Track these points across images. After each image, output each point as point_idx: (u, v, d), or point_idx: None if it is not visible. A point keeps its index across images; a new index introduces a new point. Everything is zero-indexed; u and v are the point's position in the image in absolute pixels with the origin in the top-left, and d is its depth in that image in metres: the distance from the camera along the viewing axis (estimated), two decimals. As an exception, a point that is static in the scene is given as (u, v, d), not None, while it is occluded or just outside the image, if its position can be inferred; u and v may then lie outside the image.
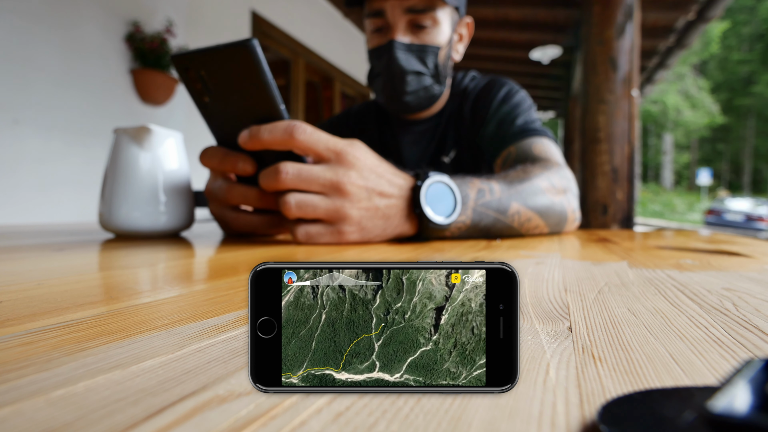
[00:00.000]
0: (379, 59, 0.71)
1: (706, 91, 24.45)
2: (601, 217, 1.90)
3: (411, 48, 0.69)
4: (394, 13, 0.68)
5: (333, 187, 0.43)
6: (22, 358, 0.12)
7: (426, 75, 0.72)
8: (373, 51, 0.72)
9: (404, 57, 0.69)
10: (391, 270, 0.11)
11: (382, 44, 0.70)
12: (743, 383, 0.07)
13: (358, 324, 0.11)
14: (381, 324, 0.11)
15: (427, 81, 0.73)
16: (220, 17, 2.44)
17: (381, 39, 0.71)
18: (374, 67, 0.74)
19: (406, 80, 0.71)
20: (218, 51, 0.40)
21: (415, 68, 0.70)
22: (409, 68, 0.70)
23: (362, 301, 0.11)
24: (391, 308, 0.11)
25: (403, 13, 0.68)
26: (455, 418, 0.09)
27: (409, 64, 0.70)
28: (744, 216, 10.67)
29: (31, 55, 1.60)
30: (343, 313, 0.11)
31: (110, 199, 0.49)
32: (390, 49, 0.69)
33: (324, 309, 0.11)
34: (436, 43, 0.70)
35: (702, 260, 0.35)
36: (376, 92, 0.76)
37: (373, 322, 0.11)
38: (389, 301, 0.11)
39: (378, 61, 0.72)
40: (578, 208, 0.64)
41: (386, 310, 0.11)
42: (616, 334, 0.15)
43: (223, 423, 0.08)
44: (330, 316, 0.11)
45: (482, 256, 0.36)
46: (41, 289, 0.21)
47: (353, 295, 0.11)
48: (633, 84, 1.88)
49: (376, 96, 0.77)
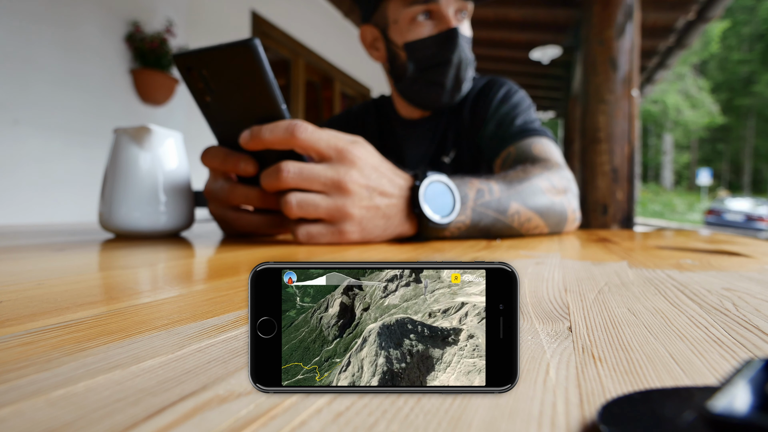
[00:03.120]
0: (440, 47, 0.70)
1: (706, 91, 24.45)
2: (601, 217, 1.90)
3: (464, 38, 0.71)
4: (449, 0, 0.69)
5: (334, 185, 0.43)
6: (22, 358, 0.12)
7: (472, 66, 0.74)
8: (427, 40, 0.70)
9: (464, 46, 0.71)
10: (392, 270, 0.11)
11: (441, 32, 0.69)
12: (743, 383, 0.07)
13: (358, 324, 0.11)
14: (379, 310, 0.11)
15: (471, 72, 0.75)
16: (220, 17, 2.44)
17: (433, 28, 0.70)
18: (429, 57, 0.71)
19: (467, 69, 0.73)
20: (220, 50, 0.40)
21: (470, 57, 0.73)
22: (469, 57, 0.72)
23: (362, 302, 0.11)
24: (391, 308, 0.11)
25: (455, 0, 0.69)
26: (455, 418, 0.09)
27: (467, 53, 0.72)
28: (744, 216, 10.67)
29: (31, 55, 1.60)
30: (343, 314, 0.11)
31: (110, 199, 0.49)
32: (455, 36, 0.69)
33: (324, 309, 0.11)
34: (469, 35, 0.73)
35: (702, 260, 0.35)
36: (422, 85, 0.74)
37: (373, 321, 0.11)
38: (389, 301, 0.11)
39: (437, 49, 0.70)
40: (578, 208, 0.64)
41: (386, 310, 0.11)
42: (616, 334, 0.15)
43: (223, 423, 0.08)
44: (330, 316, 0.11)
45: (482, 256, 0.36)
46: (41, 289, 0.21)
47: (353, 295, 0.11)
48: (633, 84, 1.88)
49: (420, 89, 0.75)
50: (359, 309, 0.11)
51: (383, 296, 0.11)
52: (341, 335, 0.11)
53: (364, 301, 0.11)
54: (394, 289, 0.11)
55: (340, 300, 0.11)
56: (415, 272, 0.11)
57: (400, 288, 0.11)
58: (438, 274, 0.11)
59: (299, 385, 0.11)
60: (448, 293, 0.11)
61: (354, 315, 0.11)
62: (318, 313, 0.11)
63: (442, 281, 0.11)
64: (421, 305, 0.11)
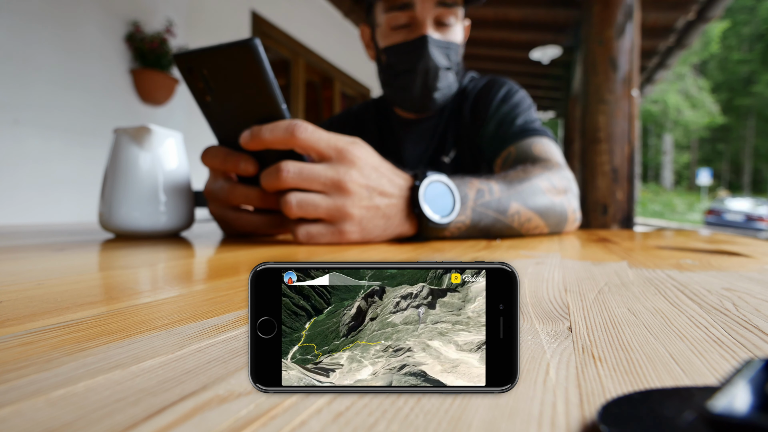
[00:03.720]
0: (408, 55, 0.70)
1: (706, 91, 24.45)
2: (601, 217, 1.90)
3: (440, 44, 0.70)
4: (424, 6, 0.68)
5: (334, 185, 0.43)
6: (22, 358, 0.12)
7: (451, 71, 0.73)
8: (399, 47, 0.71)
9: (436, 53, 0.69)
10: (392, 270, 0.11)
11: (411, 39, 0.69)
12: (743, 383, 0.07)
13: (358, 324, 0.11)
14: (380, 324, 0.11)
15: (451, 78, 0.74)
16: (220, 17, 2.44)
17: (408, 34, 0.70)
18: (398, 63, 0.72)
19: (439, 76, 0.71)
20: (221, 50, 0.40)
21: (444, 64, 0.71)
22: (441, 64, 0.71)
23: (362, 302, 0.11)
24: (390, 308, 0.11)
25: (433, 7, 0.68)
26: (455, 418, 0.09)
27: (440, 60, 0.70)
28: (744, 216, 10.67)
29: (31, 55, 1.60)
30: (342, 314, 0.11)
31: (110, 199, 0.49)
32: (424, 45, 0.68)
33: (323, 309, 0.11)
34: (456, 40, 0.72)
35: (702, 260, 0.35)
36: (394, 89, 0.75)
37: (373, 321, 0.11)
38: (389, 301, 0.11)
39: (406, 56, 0.70)
40: (578, 209, 0.64)
41: (386, 310, 0.11)
42: (616, 334, 0.15)
43: (223, 423, 0.08)
44: (329, 316, 0.11)
45: (482, 256, 0.36)
46: (41, 289, 0.21)
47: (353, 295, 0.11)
48: (633, 84, 1.88)
49: (394, 93, 0.76)
50: (368, 317, 0.11)
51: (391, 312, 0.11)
52: (347, 335, 0.11)
53: (375, 312, 0.11)
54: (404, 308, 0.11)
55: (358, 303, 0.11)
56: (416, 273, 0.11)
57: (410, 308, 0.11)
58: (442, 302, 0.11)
59: (299, 385, 0.11)
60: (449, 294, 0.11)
61: (363, 321, 0.11)
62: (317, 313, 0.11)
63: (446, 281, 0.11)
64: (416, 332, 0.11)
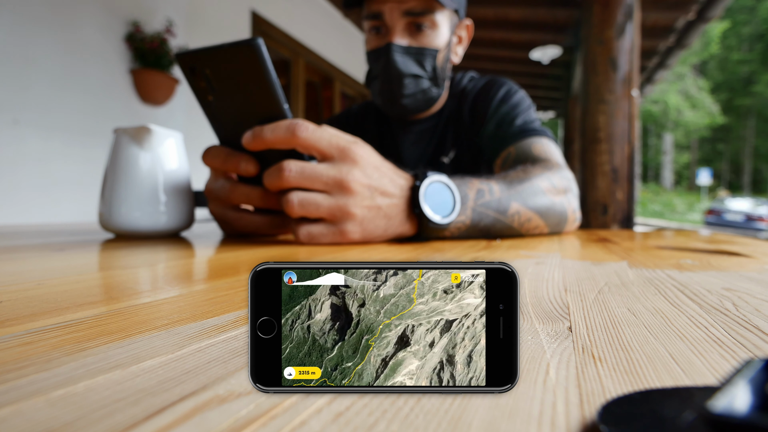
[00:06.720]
0: (377, 61, 0.71)
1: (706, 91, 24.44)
2: (601, 217, 1.90)
3: (409, 51, 0.69)
4: (392, 15, 0.68)
5: (336, 184, 0.43)
6: (22, 358, 0.12)
7: (424, 78, 0.72)
8: (371, 53, 0.72)
9: (402, 60, 0.69)
10: (391, 270, 0.11)
11: (379, 46, 0.70)
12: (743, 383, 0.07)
13: (358, 324, 0.11)
14: (380, 324, 0.11)
15: (424, 84, 0.72)
16: (220, 17, 2.44)
17: (379, 41, 0.71)
18: (372, 69, 0.74)
19: (404, 83, 0.70)
20: (223, 50, 0.40)
21: (412, 71, 0.70)
22: (406, 71, 0.70)
23: (362, 302, 0.11)
24: (389, 298, 0.11)
25: (401, 16, 0.68)
26: (455, 418, 0.09)
27: (407, 67, 0.69)
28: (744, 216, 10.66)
29: (31, 55, 1.60)
30: (342, 314, 0.11)
31: (110, 199, 0.49)
32: (388, 52, 0.68)
33: (323, 309, 0.11)
34: (434, 45, 0.70)
35: (702, 260, 0.35)
36: (373, 94, 0.76)
37: (372, 321, 0.11)
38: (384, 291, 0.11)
39: (376, 63, 0.72)
40: (578, 209, 0.64)
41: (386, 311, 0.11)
42: (616, 334, 0.15)
43: (223, 423, 0.08)
44: (329, 316, 0.11)
45: (482, 256, 0.36)
46: (41, 289, 0.21)
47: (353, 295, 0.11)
48: (633, 84, 1.88)
49: (374, 98, 0.77)
50: (354, 307, 0.11)
51: (375, 289, 0.11)
52: (343, 338, 0.11)
53: (358, 298, 0.11)
54: (384, 280, 0.11)
55: (329, 302, 0.11)
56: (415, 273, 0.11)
57: (390, 278, 0.11)
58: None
59: (299, 385, 0.11)
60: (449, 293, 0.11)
61: (350, 314, 0.11)
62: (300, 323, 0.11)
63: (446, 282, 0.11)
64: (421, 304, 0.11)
